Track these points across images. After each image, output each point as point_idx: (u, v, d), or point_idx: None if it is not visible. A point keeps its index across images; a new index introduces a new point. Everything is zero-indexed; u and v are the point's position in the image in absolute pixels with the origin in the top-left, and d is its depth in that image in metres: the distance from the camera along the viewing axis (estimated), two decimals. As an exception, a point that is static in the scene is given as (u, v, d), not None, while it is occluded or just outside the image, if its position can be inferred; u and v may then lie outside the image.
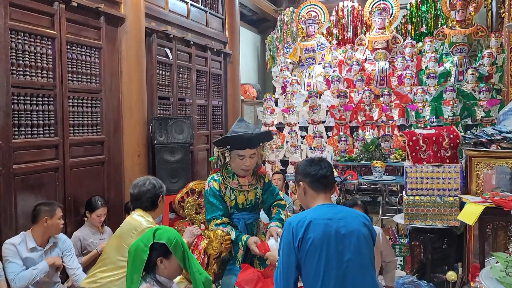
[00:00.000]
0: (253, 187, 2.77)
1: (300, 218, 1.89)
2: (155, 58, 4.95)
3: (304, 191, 2.03)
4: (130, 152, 4.48)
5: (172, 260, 2.02)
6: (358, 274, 1.81)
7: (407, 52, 6.55)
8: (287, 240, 1.87)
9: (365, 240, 1.88)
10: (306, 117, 6.47)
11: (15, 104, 3.35)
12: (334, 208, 1.97)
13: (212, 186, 2.70)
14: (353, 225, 1.88)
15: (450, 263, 3.37)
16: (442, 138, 3.23)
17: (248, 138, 2.60)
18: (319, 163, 2.06)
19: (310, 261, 1.81)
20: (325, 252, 1.81)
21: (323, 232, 1.83)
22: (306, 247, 1.82)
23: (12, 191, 3.30)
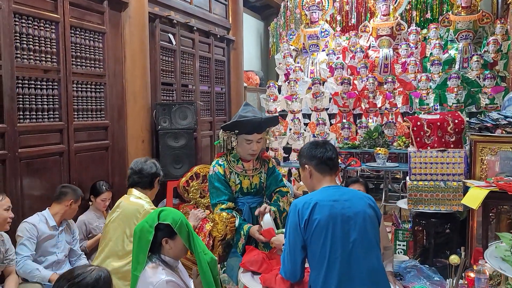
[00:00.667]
0: (257, 171, 2.78)
1: (306, 200, 1.90)
2: (159, 43, 4.93)
3: (309, 174, 2.04)
4: (134, 138, 4.49)
5: (177, 241, 2.04)
6: (364, 254, 1.82)
7: (412, 39, 6.50)
8: (293, 222, 1.89)
9: (371, 220, 1.89)
10: (309, 104, 6.46)
11: (19, 88, 3.36)
12: (340, 190, 1.97)
13: (217, 171, 2.70)
14: (358, 206, 1.89)
15: (453, 248, 3.39)
16: (446, 123, 3.22)
17: (257, 123, 2.60)
18: (324, 145, 2.07)
19: (316, 242, 1.83)
20: (331, 233, 1.82)
21: (329, 213, 1.84)
22: (312, 229, 1.83)
23: (18, 174, 3.32)
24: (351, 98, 6.22)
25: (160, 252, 2.04)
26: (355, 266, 1.80)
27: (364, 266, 1.81)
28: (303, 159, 2.07)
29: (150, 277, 1.94)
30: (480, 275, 2.54)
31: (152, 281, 1.92)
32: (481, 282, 2.53)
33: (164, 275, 1.94)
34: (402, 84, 6.10)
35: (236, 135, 2.66)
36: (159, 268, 1.98)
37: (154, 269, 1.97)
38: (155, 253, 2.04)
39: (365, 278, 1.80)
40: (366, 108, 6.20)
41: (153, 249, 2.04)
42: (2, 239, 2.69)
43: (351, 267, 1.80)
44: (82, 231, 3.61)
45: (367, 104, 6.18)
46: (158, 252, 2.04)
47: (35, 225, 2.94)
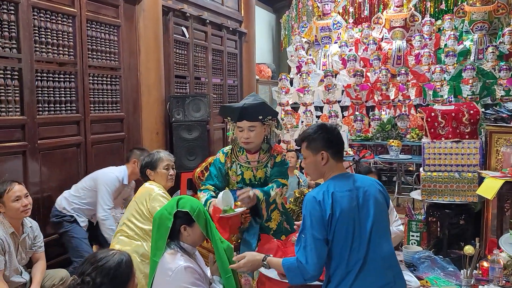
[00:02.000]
0: (262, 164, 2.71)
1: (323, 191, 1.87)
2: (172, 36, 4.97)
3: (326, 161, 1.95)
4: (148, 130, 4.55)
5: (195, 228, 2.09)
6: (379, 240, 1.84)
7: (426, 30, 6.43)
8: (316, 216, 1.82)
9: (382, 206, 1.90)
10: (322, 97, 6.45)
11: (38, 81, 3.43)
12: (350, 177, 1.96)
13: (217, 158, 2.75)
14: (370, 193, 1.89)
15: (467, 239, 3.37)
16: (462, 114, 3.21)
17: (239, 108, 2.56)
18: (335, 130, 2.02)
19: (339, 234, 1.81)
20: (352, 223, 1.82)
21: (348, 204, 1.83)
22: (335, 221, 1.81)
23: (38, 165, 3.40)
24: (363, 90, 6.20)
25: (178, 239, 2.09)
26: (373, 252, 1.82)
27: (380, 251, 1.84)
28: (318, 144, 1.96)
29: (169, 263, 1.99)
30: (495, 265, 2.56)
31: (171, 267, 1.96)
32: (495, 271, 2.54)
33: (182, 261, 1.98)
34: (415, 76, 6.05)
35: (232, 122, 2.67)
36: (178, 254, 2.03)
37: (173, 255, 2.02)
38: (173, 240, 2.09)
39: (381, 263, 1.83)
40: (379, 100, 6.17)
41: (172, 236, 2.09)
42: (30, 226, 2.78)
43: (370, 254, 1.82)
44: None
45: (380, 96, 6.15)
46: (176, 239, 2.09)
47: (120, 180, 3.43)
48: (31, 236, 2.79)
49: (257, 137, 2.63)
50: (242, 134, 2.61)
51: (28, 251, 2.77)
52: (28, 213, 2.72)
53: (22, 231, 2.72)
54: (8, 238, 2.59)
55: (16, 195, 2.63)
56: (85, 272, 1.51)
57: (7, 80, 3.18)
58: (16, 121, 3.24)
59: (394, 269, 1.88)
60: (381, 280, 1.82)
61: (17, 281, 2.68)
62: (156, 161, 2.91)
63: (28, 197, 2.72)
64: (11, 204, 2.61)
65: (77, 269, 1.59)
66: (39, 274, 2.78)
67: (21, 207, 2.64)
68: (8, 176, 3.14)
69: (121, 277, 1.56)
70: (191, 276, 1.95)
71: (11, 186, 2.66)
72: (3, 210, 2.63)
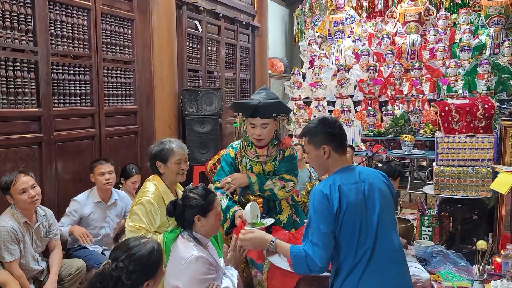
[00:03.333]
0: (271, 158, 2.70)
1: (330, 184, 1.86)
2: (185, 30, 4.99)
3: (328, 155, 1.94)
4: (162, 123, 4.59)
5: (209, 219, 2.11)
6: (386, 232, 1.84)
7: (441, 24, 6.37)
8: (323, 210, 1.81)
9: (387, 198, 1.90)
10: (334, 92, 6.43)
11: (54, 73, 3.48)
12: (355, 170, 1.95)
13: (227, 153, 2.76)
14: (376, 185, 1.89)
15: (480, 235, 3.35)
16: (476, 108, 3.17)
17: (254, 107, 2.52)
18: (337, 123, 2.00)
19: (346, 227, 1.81)
20: (359, 216, 1.82)
21: (355, 197, 1.83)
22: (342, 215, 1.81)
23: (53, 156, 3.46)
24: (377, 85, 6.16)
25: (191, 229, 2.12)
26: (380, 244, 1.82)
27: (388, 243, 1.84)
28: (320, 138, 1.95)
29: (182, 252, 2.01)
30: (508, 260, 2.54)
31: (184, 256, 1.99)
32: (508, 266, 2.52)
33: (195, 251, 2.01)
34: (429, 71, 6.00)
35: (244, 117, 2.64)
36: (191, 244, 2.05)
37: (186, 244, 2.05)
38: (186, 230, 2.12)
39: (390, 255, 1.83)
40: (392, 95, 6.13)
41: (185, 225, 2.12)
42: (44, 215, 2.83)
43: (377, 246, 1.82)
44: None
45: (393, 91, 6.11)
46: (189, 228, 2.12)
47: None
48: (45, 224, 2.84)
49: (269, 133, 2.63)
50: (254, 130, 2.59)
51: (44, 239, 2.82)
52: (37, 203, 2.70)
53: (35, 220, 2.76)
54: (21, 228, 2.63)
55: (22, 188, 2.61)
56: (118, 258, 1.55)
57: (24, 73, 3.24)
58: (32, 113, 3.30)
59: (402, 260, 1.89)
60: (390, 272, 1.82)
61: (35, 268, 2.74)
62: (167, 153, 2.61)
63: (35, 187, 2.69)
64: (18, 197, 2.61)
65: (110, 255, 1.61)
66: (56, 264, 2.83)
67: (28, 199, 2.62)
68: (24, 167, 3.22)
69: (152, 265, 1.60)
70: (203, 266, 1.98)
71: (17, 178, 2.62)
72: (12, 201, 2.65)
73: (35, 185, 2.71)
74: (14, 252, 2.56)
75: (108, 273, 1.50)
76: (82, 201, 3.23)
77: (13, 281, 2.52)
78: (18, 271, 2.58)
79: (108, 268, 1.52)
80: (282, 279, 2.20)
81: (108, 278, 1.49)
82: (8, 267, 2.54)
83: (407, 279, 1.88)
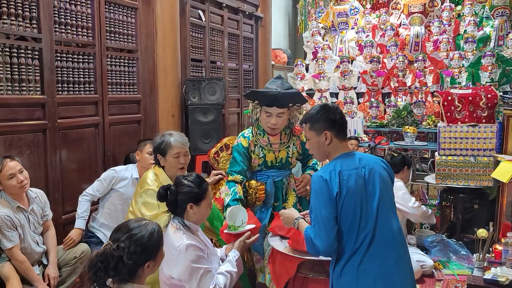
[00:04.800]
0: (284, 145, 2.76)
1: (330, 170, 1.89)
2: (189, 20, 4.99)
3: (329, 141, 1.97)
4: (165, 112, 4.60)
5: (201, 207, 2.12)
6: (386, 217, 1.87)
7: (445, 15, 6.32)
8: (324, 195, 1.86)
9: (387, 183, 1.94)
10: (337, 83, 6.42)
11: (58, 61, 3.50)
12: (355, 156, 1.98)
13: (240, 142, 2.74)
14: (376, 170, 1.92)
15: (481, 224, 3.36)
16: (479, 97, 3.18)
17: (274, 96, 2.55)
18: (338, 110, 2.03)
19: (346, 212, 1.85)
20: (359, 201, 1.85)
21: (355, 183, 1.86)
22: (342, 200, 1.84)
23: (57, 144, 3.49)
24: (380, 76, 6.14)
25: (182, 217, 2.12)
26: (381, 228, 1.85)
27: (388, 227, 1.87)
28: (321, 124, 1.98)
29: (173, 241, 2.01)
30: (508, 247, 2.55)
31: (175, 245, 2.00)
32: (509, 254, 2.53)
33: (185, 239, 2.01)
34: (433, 63, 5.97)
35: (259, 106, 2.67)
36: (180, 232, 2.05)
37: (176, 232, 2.05)
38: (176, 217, 2.12)
39: (390, 239, 1.86)
40: (395, 87, 6.12)
41: (177, 212, 2.13)
42: (35, 197, 2.85)
43: (378, 230, 1.85)
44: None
45: (397, 83, 6.10)
46: (181, 216, 2.13)
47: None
48: (40, 205, 2.85)
49: (283, 122, 2.68)
50: (269, 119, 2.62)
51: (40, 220, 2.84)
52: (26, 188, 2.70)
53: (28, 203, 2.77)
54: (16, 213, 2.63)
55: (10, 173, 2.60)
56: (119, 239, 1.57)
57: (28, 60, 3.25)
58: (36, 100, 3.31)
59: (401, 244, 1.91)
60: (390, 256, 1.84)
61: (37, 250, 2.77)
62: (166, 147, 2.60)
63: (23, 172, 2.67)
64: (6, 182, 2.59)
65: (111, 236, 1.64)
66: (53, 247, 2.87)
67: (17, 184, 2.61)
68: (29, 153, 3.25)
69: (152, 246, 1.62)
70: (193, 254, 1.99)
71: (3, 163, 2.60)
72: (0, 188, 2.65)
73: (22, 169, 2.68)
74: (13, 238, 2.57)
75: (109, 253, 1.52)
76: (120, 172, 3.33)
77: (15, 278, 2.52)
78: (21, 256, 2.61)
79: (110, 248, 1.54)
80: (283, 264, 2.23)
81: (110, 258, 1.52)
82: (10, 253, 2.57)
83: (407, 262, 1.91)
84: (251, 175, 2.80)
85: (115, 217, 3.29)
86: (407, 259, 1.92)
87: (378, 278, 1.82)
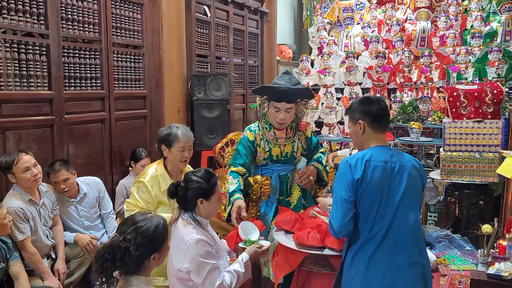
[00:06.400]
0: (290, 140, 2.78)
1: (358, 157, 1.94)
2: (194, 15, 5.00)
3: (363, 130, 2.03)
4: (170, 108, 4.63)
5: (211, 202, 2.16)
6: (406, 213, 1.89)
7: (452, 10, 6.28)
8: (346, 179, 1.91)
9: (416, 182, 1.95)
10: (343, 79, 6.40)
11: (65, 57, 3.53)
12: (389, 151, 2.00)
13: (245, 135, 2.78)
14: (406, 167, 1.93)
15: (486, 220, 3.36)
16: (485, 93, 3.17)
17: (283, 91, 2.58)
18: (379, 102, 2.07)
19: (366, 200, 1.89)
20: (380, 194, 1.88)
21: (381, 175, 1.89)
22: (364, 187, 1.88)
23: (65, 139, 3.53)
24: (385, 72, 6.12)
25: (193, 211, 2.16)
26: (398, 224, 1.86)
27: (406, 225, 1.88)
28: (356, 114, 2.05)
29: (183, 235, 2.05)
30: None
31: (185, 238, 2.04)
32: (513, 249, 2.54)
33: (194, 234, 2.05)
34: (439, 58, 5.94)
35: (267, 101, 2.69)
36: (190, 226, 2.09)
37: (186, 226, 2.09)
38: (187, 212, 2.16)
39: (406, 234, 1.88)
40: (401, 82, 6.09)
41: (188, 208, 2.16)
42: (46, 191, 2.93)
43: (394, 225, 1.86)
44: (122, 194, 3.82)
45: (402, 79, 6.07)
46: (191, 211, 2.16)
47: None
48: (50, 199, 2.93)
49: (291, 117, 2.72)
50: (278, 114, 2.65)
51: (50, 214, 2.91)
52: (39, 181, 2.79)
53: (39, 197, 2.85)
54: (28, 206, 2.70)
55: (25, 166, 2.68)
56: (125, 231, 1.61)
57: (36, 56, 3.29)
58: (44, 95, 3.35)
59: (418, 240, 1.92)
60: (403, 253, 1.85)
61: (47, 243, 2.83)
62: (173, 139, 2.69)
63: (37, 166, 2.77)
64: (21, 175, 2.67)
65: (117, 229, 1.67)
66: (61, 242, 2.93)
67: (31, 177, 2.69)
68: (37, 148, 3.29)
69: (157, 239, 1.66)
70: (202, 249, 2.03)
71: (19, 157, 2.68)
72: (14, 180, 2.72)
73: (36, 163, 2.79)
74: (24, 230, 2.62)
75: (116, 245, 1.56)
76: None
77: (24, 277, 2.55)
78: (32, 248, 2.66)
79: (116, 240, 1.57)
80: (287, 257, 2.25)
81: (117, 250, 1.55)
82: (21, 245, 2.61)
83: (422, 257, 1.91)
84: (254, 170, 2.82)
85: None
86: (421, 253, 1.92)
87: (387, 272, 1.83)
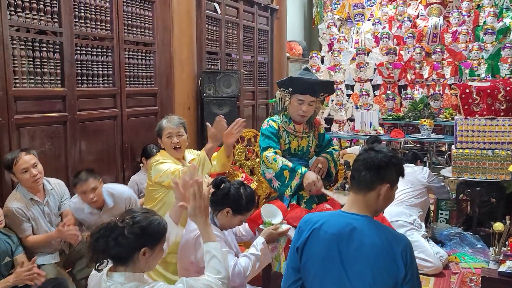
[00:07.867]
0: (306, 134, 2.82)
1: (311, 219, 1.66)
2: (204, 12, 5.02)
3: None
4: (181, 105, 4.66)
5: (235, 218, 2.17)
6: None
7: (464, 6, 6.22)
8: (293, 240, 1.71)
9: (381, 260, 1.49)
10: (353, 75, 6.39)
11: (78, 54, 3.57)
12: (354, 221, 1.56)
13: (271, 125, 2.77)
14: (367, 247, 1.50)
15: (497, 218, 3.34)
16: (497, 90, 3.13)
17: (311, 83, 2.64)
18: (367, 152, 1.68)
19: (307, 275, 1.62)
20: (321, 273, 1.56)
21: (324, 249, 1.56)
22: (304, 259, 1.61)
23: (77, 135, 3.57)
24: (396, 68, 6.10)
25: (216, 215, 2.18)
26: None
27: None
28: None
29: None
30: (525, 241, 2.53)
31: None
32: (525, 247, 2.52)
33: None
34: (451, 54, 5.89)
35: (290, 93, 2.71)
36: None
37: None
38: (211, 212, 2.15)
39: None
40: (412, 79, 6.07)
41: (215, 208, 2.17)
42: (52, 189, 2.89)
43: None
44: (134, 190, 3.86)
45: (413, 75, 6.04)
46: (215, 212, 2.18)
47: None
48: (56, 197, 2.89)
49: (312, 111, 2.76)
50: (301, 107, 2.67)
51: (57, 212, 2.89)
52: (39, 182, 2.71)
53: (44, 195, 2.81)
54: (29, 206, 2.68)
55: (23, 167, 2.62)
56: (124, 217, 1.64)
57: (49, 54, 3.33)
58: (57, 92, 3.40)
59: None
60: None
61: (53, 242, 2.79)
62: (160, 129, 2.82)
63: (37, 166, 2.68)
64: (20, 176, 2.62)
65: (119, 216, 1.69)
66: None
67: (30, 178, 2.63)
68: (50, 145, 3.34)
69: (152, 233, 1.63)
70: None
71: (18, 157, 2.62)
72: (16, 180, 2.70)
73: (37, 163, 2.70)
74: (26, 229, 2.64)
75: (113, 224, 1.60)
76: None
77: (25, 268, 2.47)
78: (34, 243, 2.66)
79: (115, 220, 1.62)
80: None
81: (113, 228, 1.59)
82: (25, 242, 2.64)
83: None
84: None
85: None
86: None
87: None
